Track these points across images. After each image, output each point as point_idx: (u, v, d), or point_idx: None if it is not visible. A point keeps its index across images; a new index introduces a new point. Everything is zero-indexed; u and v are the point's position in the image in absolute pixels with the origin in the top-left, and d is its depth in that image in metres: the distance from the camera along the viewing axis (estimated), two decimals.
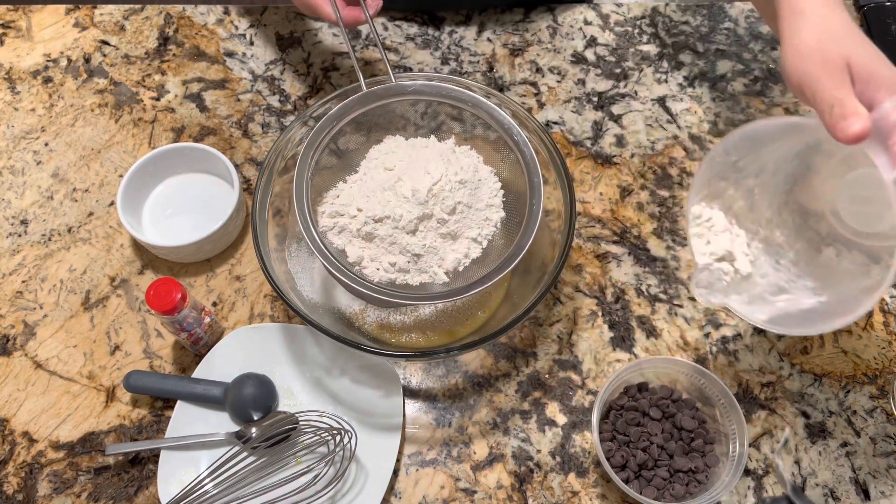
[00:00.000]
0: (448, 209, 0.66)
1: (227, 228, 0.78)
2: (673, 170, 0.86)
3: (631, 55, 0.94)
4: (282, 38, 0.95)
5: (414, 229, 0.66)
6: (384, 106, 0.71)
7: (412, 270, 0.67)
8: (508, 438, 0.73)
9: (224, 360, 0.74)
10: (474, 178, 0.68)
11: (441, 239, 0.67)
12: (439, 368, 0.77)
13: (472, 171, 0.68)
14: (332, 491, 0.68)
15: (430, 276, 0.67)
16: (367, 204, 0.66)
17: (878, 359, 0.76)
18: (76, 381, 0.76)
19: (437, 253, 0.67)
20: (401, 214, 0.65)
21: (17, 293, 0.80)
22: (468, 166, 0.68)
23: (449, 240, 0.67)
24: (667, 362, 0.70)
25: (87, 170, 0.87)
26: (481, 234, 0.68)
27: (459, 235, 0.67)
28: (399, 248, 0.66)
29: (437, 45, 0.94)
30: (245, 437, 0.70)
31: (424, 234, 0.66)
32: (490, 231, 0.68)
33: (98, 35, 0.96)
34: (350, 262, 0.67)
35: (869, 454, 0.72)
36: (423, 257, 0.66)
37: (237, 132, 0.89)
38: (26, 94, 0.91)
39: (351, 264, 0.67)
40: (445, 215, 0.66)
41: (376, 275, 0.66)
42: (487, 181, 0.69)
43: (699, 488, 0.67)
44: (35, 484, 0.71)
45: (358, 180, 0.69)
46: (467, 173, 0.67)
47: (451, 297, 0.65)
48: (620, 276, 0.81)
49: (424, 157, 0.68)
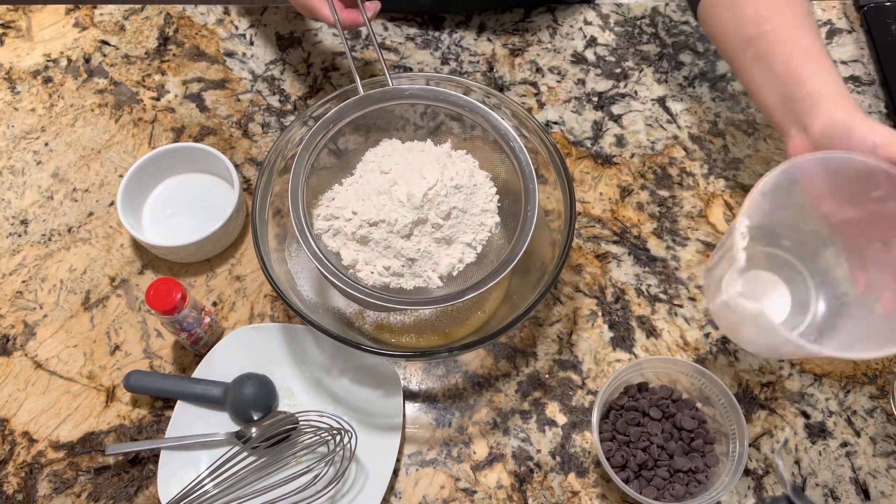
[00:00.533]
0: (443, 214, 0.66)
1: (227, 228, 0.78)
2: (673, 170, 0.86)
3: (631, 55, 0.94)
4: (282, 38, 0.95)
5: (409, 234, 0.66)
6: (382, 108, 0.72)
7: (406, 274, 0.67)
8: (508, 438, 0.73)
9: (224, 360, 0.74)
10: (469, 184, 0.68)
11: (436, 244, 0.67)
12: (439, 368, 0.77)
13: (467, 176, 0.68)
14: (332, 491, 0.68)
15: (424, 280, 0.67)
16: (363, 207, 0.66)
17: (878, 359, 0.76)
18: (76, 381, 0.76)
19: (431, 257, 0.67)
20: (396, 219, 0.65)
21: (17, 293, 0.80)
22: (464, 171, 0.68)
23: (444, 244, 0.67)
24: (667, 362, 0.70)
25: (87, 170, 0.87)
26: (476, 238, 0.68)
27: (454, 240, 0.67)
28: (393, 252, 0.66)
29: (437, 46, 0.94)
30: (245, 437, 0.70)
31: (419, 238, 0.66)
32: (485, 236, 0.69)
33: (98, 35, 0.96)
34: (344, 265, 0.67)
35: (869, 454, 0.72)
36: (417, 262, 0.66)
37: (237, 132, 0.89)
38: (26, 94, 0.91)
39: (345, 267, 0.67)
40: (440, 220, 0.66)
41: (370, 278, 0.66)
42: (483, 186, 0.69)
43: (699, 488, 0.67)
44: (35, 484, 0.71)
45: (354, 183, 0.69)
46: (463, 178, 0.67)
47: (444, 303, 0.65)
48: (620, 276, 0.81)
49: (420, 161, 0.68)
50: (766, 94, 0.66)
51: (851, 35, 0.95)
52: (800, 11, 0.66)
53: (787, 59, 0.64)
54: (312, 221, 0.68)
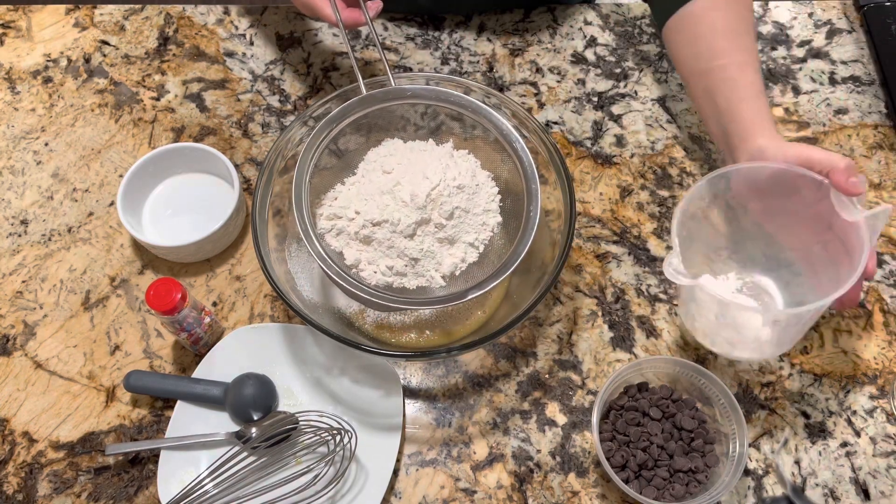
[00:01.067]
0: (446, 214, 0.66)
1: (227, 228, 0.78)
2: (673, 170, 0.86)
3: (631, 55, 0.94)
4: (282, 38, 0.95)
5: (412, 233, 0.66)
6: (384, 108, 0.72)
7: (409, 274, 0.67)
8: (508, 438, 0.73)
9: (224, 360, 0.74)
10: (472, 184, 0.68)
11: (438, 243, 0.67)
12: (439, 368, 0.77)
13: (469, 176, 0.68)
14: (332, 491, 0.68)
15: (427, 280, 0.67)
16: (366, 207, 0.66)
17: (878, 359, 0.76)
18: (76, 381, 0.76)
19: (434, 257, 0.67)
20: (399, 218, 0.65)
21: (17, 293, 0.80)
22: (466, 171, 0.68)
23: (446, 244, 0.67)
24: (667, 362, 0.70)
25: (87, 170, 0.87)
26: (478, 238, 0.68)
27: (457, 240, 0.68)
28: (396, 252, 0.66)
29: (437, 46, 0.94)
30: (245, 437, 0.70)
31: (422, 238, 0.66)
32: (487, 236, 0.69)
33: (98, 35, 0.96)
34: (347, 264, 0.67)
35: (869, 454, 0.72)
36: (420, 261, 0.66)
37: (237, 132, 0.89)
38: (26, 94, 0.91)
39: (348, 267, 0.67)
40: (443, 220, 0.66)
41: (373, 278, 0.66)
42: (485, 186, 0.69)
43: (699, 488, 0.67)
44: (35, 484, 0.71)
45: (356, 182, 0.69)
46: (465, 178, 0.67)
47: (447, 303, 0.65)
48: (620, 276, 0.81)
49: (423, 161, 0.68)
50: (711, 126, 0.76)
51: (851, 35, 0.95)
52: (746, 49, 0.74)
53: (729, 95, 0.72)
54: (315, 221, 0.68)
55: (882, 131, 0.88)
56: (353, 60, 0.71)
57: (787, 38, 0.95)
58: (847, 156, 0.86)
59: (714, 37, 0.75)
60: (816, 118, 0.89)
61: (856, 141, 0.88)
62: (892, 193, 0.84)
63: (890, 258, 0.81)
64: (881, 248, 0.81)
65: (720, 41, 0.74)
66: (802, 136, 0.88)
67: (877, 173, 0.86)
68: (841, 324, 0.78)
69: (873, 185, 0.85)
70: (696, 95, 0.77)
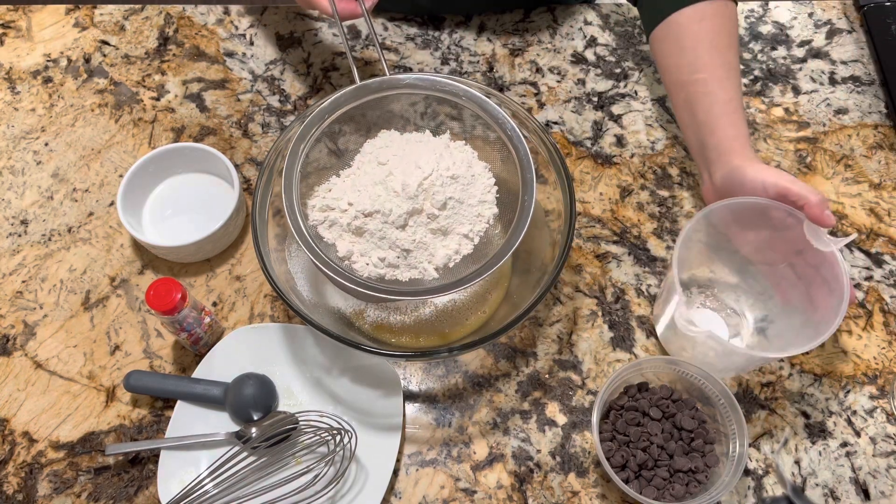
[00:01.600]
0: (438, 204, 0.65)
1: (227, 228, 0.78)
2: (673, 170, 0.86)
3: (631, 55, 0.94)
4: (282, 38, 0.95)
5: (403, 224, 0.65)
6: (382, 104, 0.71)
7: (402, 266, 0.66)
8: (508, 438, 0.73)
9: (224, 360, 0.74)
10: (467, 174, 0.67)
11: (431, 234, 0.66)
12: (439, 368, 0.77)
13: (465, 166, 0.67)
14: (332, 491, 0.68)
15: (419, 272, 0.66)
16: (358, 198, 0.66)
17: (878, 359, 0.76)
18: (76, 381, 0.76)
19: (427, 248, 0.66)
20: (390, 209, 0.64)
21: (17, 293, 0.80)
22: (461, 161, 0.67)
23: (440, 235, 0.67)
24: (667, 362, 0.70)
25: (87, 170, 0.87)
26: (473, 230, 0.67)
27: (450, 231, 0.67)
28: (388, 243, 0.65)
29: (437, 46, 0.94)
30: (245, 437, 0.70)
31: (414, 229, 0.66)
32: (482, 227, 0.67)
33: (98, 35, 0.96)
34: (339, 256, 0.66)
35: (869, 454, 0.72)
36: (412, 253, 0.66)
37: (237, 132, 0.89)
38: (26, 94, 0.92)
39: (340, 259, 0.66)
40: (436, 210, 0.65)
41: (365, 270, 0.66)
42: (481, 177, 0.68)
43: (699, 488, 0.67)
44: (35, 484, 0.71)
45: (351, 174, 0.69)
46: (460, 168, 0.66)
47: (440, 293, 0.64)
48: (620, 276, 0.81)
49: (418, 151, 0.67)
50: (689, 136, 0.78)
51: (851, 35, 0.95)
52: (728, 65, 0.76)
53: (708, 108, 0.74)
54: (308, 213, 0.68)
55: (882, 131, 0.88)
56: (348, 50, 0.70)
57: (787, 38, 0.95)
58: (847, 156, 0.87)
59: (697, 49, 0.76)
60: (816, 118, 0.89)
61: (856, 141, 0.88)
62: (892, 193, 0.84)
63: (890, 258, 0.81)
64: (881, 248, 0.81)
65: (703, 55, 0.76)
66: (802, 135, 0.88)
67: (877, 173, 0.86)
68: (841, 324, 0.78)
69: (873, 185, 0.85)
70: (677, 105, 0.79)
